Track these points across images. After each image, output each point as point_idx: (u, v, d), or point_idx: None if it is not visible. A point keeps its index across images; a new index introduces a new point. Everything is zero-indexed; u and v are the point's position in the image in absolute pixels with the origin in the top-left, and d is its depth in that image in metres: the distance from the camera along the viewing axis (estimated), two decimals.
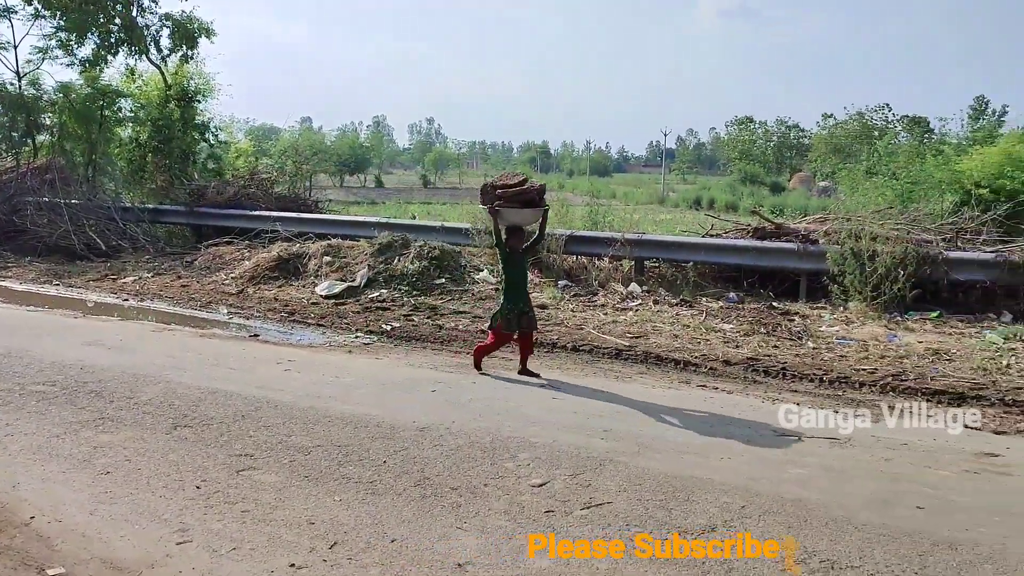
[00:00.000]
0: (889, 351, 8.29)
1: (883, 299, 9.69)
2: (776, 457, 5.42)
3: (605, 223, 14.31)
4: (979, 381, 7.28)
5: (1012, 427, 6.22)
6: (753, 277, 11.49)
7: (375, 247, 11.96)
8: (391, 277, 11.28)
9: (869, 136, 57.06)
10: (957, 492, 4.88)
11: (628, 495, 4.66)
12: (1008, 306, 9.74)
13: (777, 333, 8.92)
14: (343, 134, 79.98)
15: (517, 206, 7.39)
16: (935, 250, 10.12)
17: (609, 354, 8.27)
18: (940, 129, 56.44)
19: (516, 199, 7.38)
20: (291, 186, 19.50)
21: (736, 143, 77.22)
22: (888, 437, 5.89)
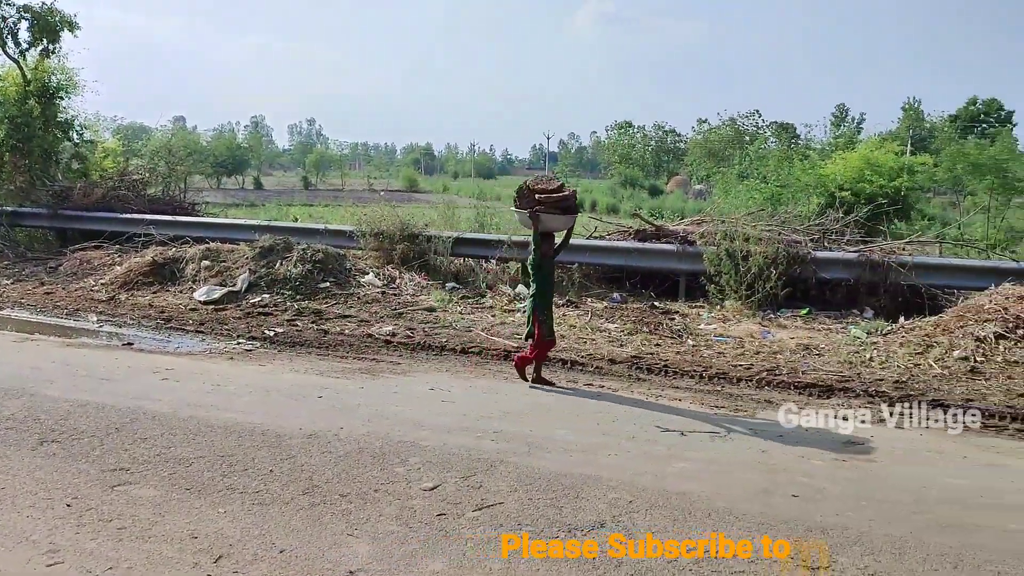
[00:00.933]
0: (764, 347, 8.67)
1: (757, 297, 10.14)
2: (661, 452, 5.58)
3: (491, 225, 14.40)
4: (845, 374, 7.71)
5: (876, 416, 6.62)
6: (636, 277, 11.81)
7: (256, 251, 11.62)
8: (274, 281, 10.99)
9: (741, 141, 59.58)
10: (828, 480, 5.15)
11: (519, 495, 4.70)
12: (870, 303, 10.35)
13: (659, 332, 9.19)
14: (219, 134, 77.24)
15: (556, 212, 7.27)
16: (804, 250, 10.67)
17: (498, 356, 8.32)
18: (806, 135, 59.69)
19: (556, 205, 7.26)
20: (165, 188, 18.72)
21: (616, 147, 79.12)
22: (764, 430, 6.17)
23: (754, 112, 64.71)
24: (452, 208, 14.65)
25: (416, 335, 9.04)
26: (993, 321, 8.42)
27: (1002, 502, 4.88)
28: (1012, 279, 9.39)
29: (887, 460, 5.63)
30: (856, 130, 60.33)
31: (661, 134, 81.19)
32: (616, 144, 79.73)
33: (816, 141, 54.47)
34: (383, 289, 11.15)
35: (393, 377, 7.51)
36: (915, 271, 10.15)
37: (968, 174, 30.08)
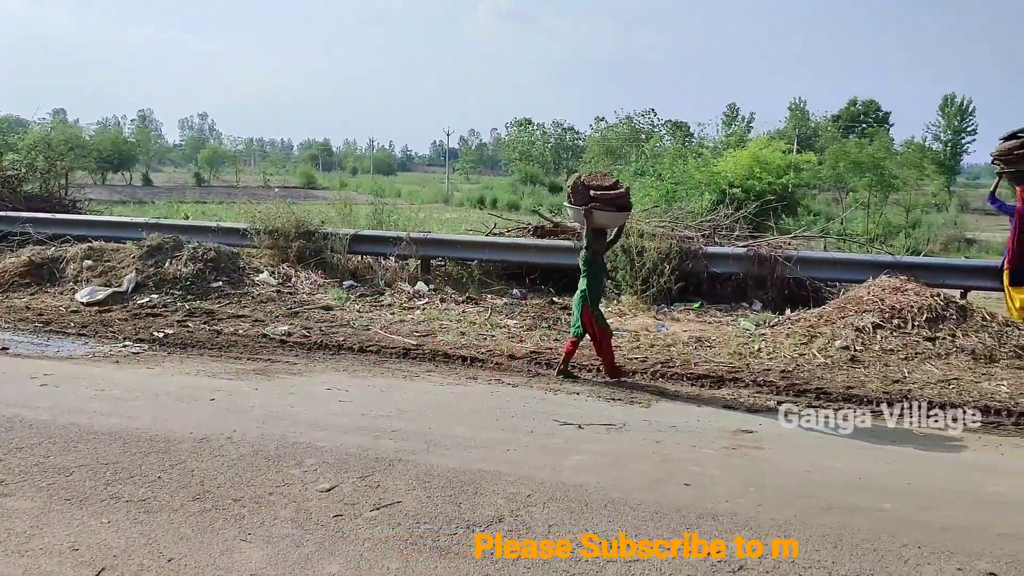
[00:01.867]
0: (658, 340, 8.89)
1: (652, 292, 10.39)
2: (558, 446, 5.65)
3: (390, 222, 14.29)
4: (735, 365, 7.99)
5: (764, 404, 6.88)
6: (536, 274, 11.93)
7: (144, 249, 11.18)
8: (162, 281, 10.60)
9: (637, 139, 60.98)
10: (718, 468, 5.33)
11: (418, 493, 4.69)
12: (758, 295, 10.75)
13: (558, 327, 9.31)
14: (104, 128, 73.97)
15: (611, 209, 7.23)
16: (696, 245, 11.00)
17: (397, 354, 8.26)
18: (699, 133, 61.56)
19: (611, 202, 7.22)
20: (44, 184, 17.80)
21: (516, 144, 79.71)
22: (658, 421, 6.33)
23: (650, 111, 66.38)
24: (349, 205, 14.46)
25: (313, 334, 8.88)
26: (871, 312, 8.87)
27: (876, 483, 5.14)
28: (888, 271, 9.90)
29: (775, 447, 5.86)
30: (746, 129, 62.53)
31: (560, 132, 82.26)
32: (516, 141, 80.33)
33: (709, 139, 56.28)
34: (278, 288, 10.92)
35: (289, 378, 7.37)
36: (800, 265, 10.60)
37: (849, 171, 31.69)
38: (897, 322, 8.69)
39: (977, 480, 5.31)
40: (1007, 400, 6.97)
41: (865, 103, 69.87)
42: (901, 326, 8.64)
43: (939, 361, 8.02)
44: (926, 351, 8.22)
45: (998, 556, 4.09)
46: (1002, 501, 4.94)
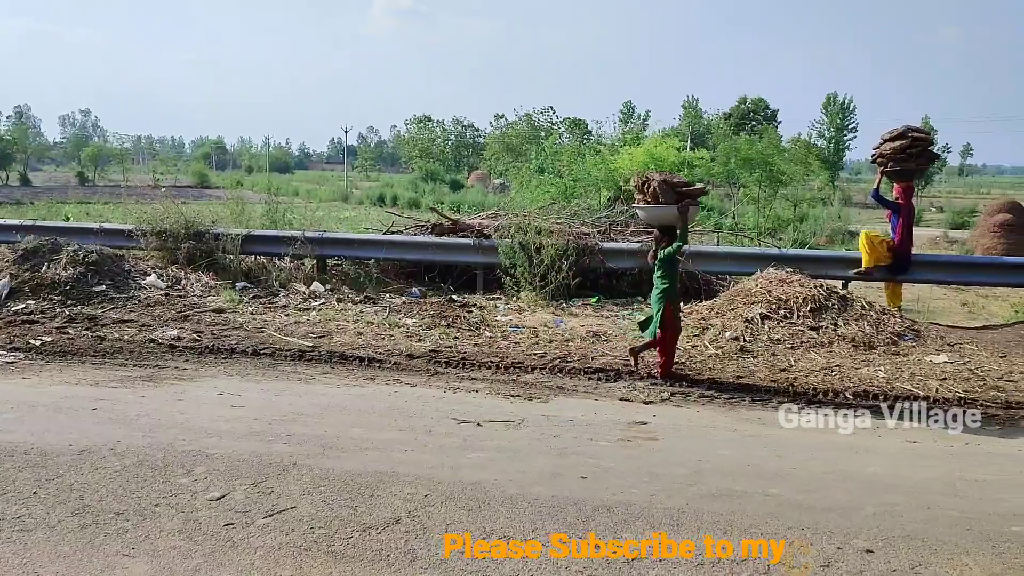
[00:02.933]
0: (557, 336, 8.99)
1: (550, 288, 10.50)
2: (456, 444, 5.65)
3: (285, 221, 13.97)
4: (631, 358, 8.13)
5: (658, 397, 7.05)
6: (434, 271, 11.88)
7: (18, 253, 10.59)
8: (40, 286, 10.06)
9: (537, 136, 61.44)
10: (614, 460, 5.43)
11: (313, 498, 4.61)
12: None
13: (457, 325, 9.29)
14: None
15: (695, 204, 7.55)
16: (592, 241, 11.16)
17: (292, 356, 8.08)
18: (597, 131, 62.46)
19: (696, 199, 7.57)
20: None
21: (416, 141, 79.10)
22: (556, 415, 6.40)
23: (548, 108, 66.83)
24: (242, 204, 14.04)
25: (204, 338, 8.60)
26: (759, 303, 9.19)
27: (763, 469, 5.34)
28: (775, 264, 10.29)
29: (669, 437, 6.01)
30: (642, 126, 63.87)
31: (460, 129, 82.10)
32: (416, 138, 79.71)
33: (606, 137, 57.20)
34: (167, 291, 10.52)
35: (178, 384, 7.11)
36: (692, 259, 10.88)
37: (740, 168, 32.64)
38: (783, 313, 9.04)
39: (857, 462, 5.57)
40: (884, 385, 7.34)
41: (754, 101, 72.22)
42: (787, 316, 8.99)
43: (823, 349, 8.38)
44: (811, 340, 8.57)
45: (874, 534, 4.31)
46: (878, 481, 5.20)
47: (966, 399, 6.97)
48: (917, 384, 7.36)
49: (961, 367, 7.87)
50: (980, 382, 7.45)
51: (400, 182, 59.78)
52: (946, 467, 5.51)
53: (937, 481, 5.23)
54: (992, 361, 8.10)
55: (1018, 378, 7.55)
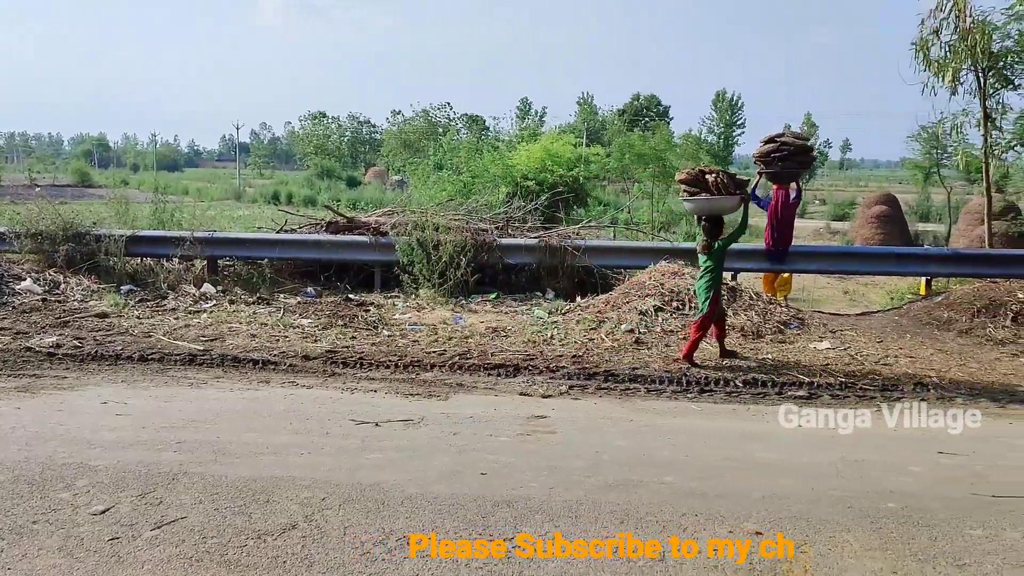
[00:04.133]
0: (456, 333, 8.98)
1: (449, 285, 10.48)
2: (354, 445, 5.57)
3: (174, 221, 13.46)
4: (530, 353, 8.22)
5: (556, 390, 7.13)
6: (331, 270, 11.68)
7: None
8: None
9: (434, 132, 61.24)
10: (514, 455, 5.46)
11: (204, 506, 4.46)
12: (551, 284, 11.12)
13: (354, 324, 9.17)
14: None
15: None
16: (490, 238, 11.20)
17: (182, 361, 7.81)
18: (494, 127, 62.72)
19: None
20: None
21: (311, 138, 77.62)
22: (456, 413, 6.40)
23: (445, 104, 66.75)
24: (127, 203, 13.45)
25: (86, 345, 8.21)
26: (653, 296, 9.42)
27: (658, 458, 5.47)
28: (667, 257, 10.55)
29: (567, 430, 6.08)
30: (539, 123, 64.54)
31: (356, 125, 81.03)
32: (311, 135, 78.19)
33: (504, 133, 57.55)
34: (44, 296, 10.01)
35: (58, 393, 6.77)
36: (588, 254, 11.06)
37: (634, 163, 33.30)
38: (676, 304, 9.29)
39: (747, 449, 5.76)
40: (771, 371, 7.63)
41: (647, 98, 73.90)
42: (679, 308, 9.24)
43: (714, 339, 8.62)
44: None
45: (763, 516, 4.47)
46: (767, 465, 5.40)
47: (846, 383, 7.32)
48: (802, 370, 7.67)
49: (842, 352, 8.26)
50: (859, 366, 7.83)
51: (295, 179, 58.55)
52: (831, 450, 5.76)
53: (822, 464, 5.46)
54: (870, 346, 8.52)
55: (892, 362, 7.97)
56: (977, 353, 8.30)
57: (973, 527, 4.37)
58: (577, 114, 73.39)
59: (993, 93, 12.16)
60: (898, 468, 5.36)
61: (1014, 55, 11.82)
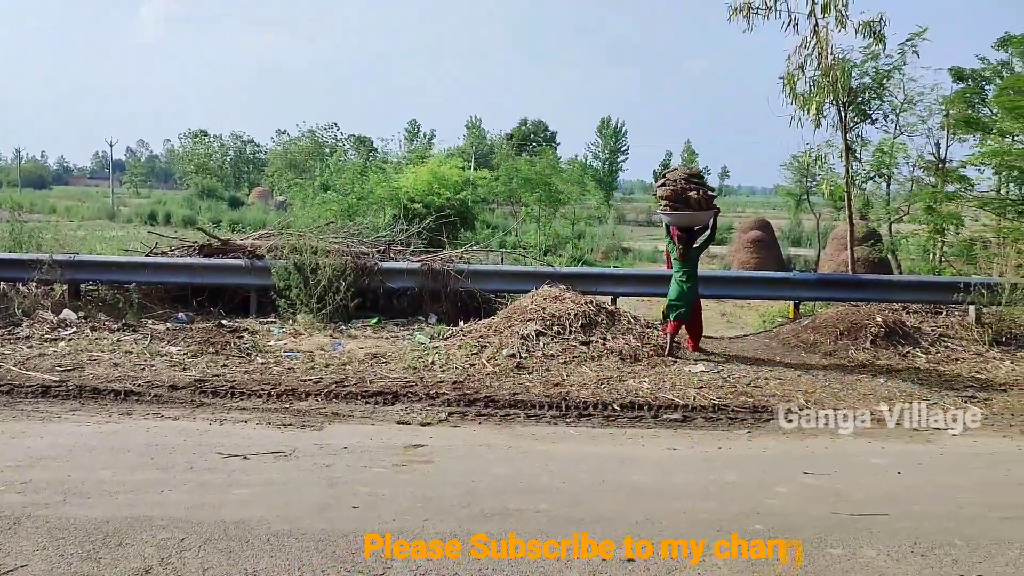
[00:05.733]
0: (334, 359, 8.77)
1: (328, 310, 10.23)
2: (220, 480, 5.32)
3: (33, 243, 12.66)
4: (410, 379, 8.09)
5: (436, 418, 7.03)
6: (204, 295, 11.21)
7: None
8: None
9: (321, 153, 60.43)
10: (388, 486, 5.33)
11: (48, 552, 4.15)
12: (434, 309, 11.00)
13: (227, 351, 8.82)
14: None
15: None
16: (371, 261, 11.02)
17: (34, 392, 7.29)
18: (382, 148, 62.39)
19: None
20: None
21: (192, 156, 75.16)
22: (330, 443, 6.21)
23: (332, 124, 65.95)
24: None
25: None
26: (534, 320, 9.45)
27: (535, 485, 5.45)
28: (549, 281, 10.63)
29: (445, 459, 5.99)
30: (428, 145, 64.54)
31: (240, 144, 79.03)
32: (192, 153, 75.68)
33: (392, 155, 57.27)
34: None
35: None
36: (471, 278, 11.02)
37: (521, 187, 33.79)
38: (557, 329, 9.35)
39: (623, 473, 5.82)
40: (648, 396, 7.76)
41: (535, 123, 75.15)
42: (560, 332, 9.31)
43: (593, 363, 8.73)
44: (582, 355, 8.92)
45: (637, 541, 4.49)
46: (641, 489, 5.46)
47: (719, 405, 7.52)
48: (677, 393, 7.84)
49: (716, 375, 8.48)
50: (732, 389, 8.06)
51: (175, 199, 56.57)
52: (701, 472, 5.88)
53: (693, 485, 5.56)
54: (742, 369, 8.79)
55: (763, 384, 8.24)
56: (840, 375, 8.68)
57: (833, 546, 4.52)
58: (466, 137, 73.87)
59: (853, 126, 12.91)
60: (766, 489, 5.52)
61: (871, 91, 12.61)
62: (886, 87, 13.43)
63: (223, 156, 77.27)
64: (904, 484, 5.76)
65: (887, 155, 15.25)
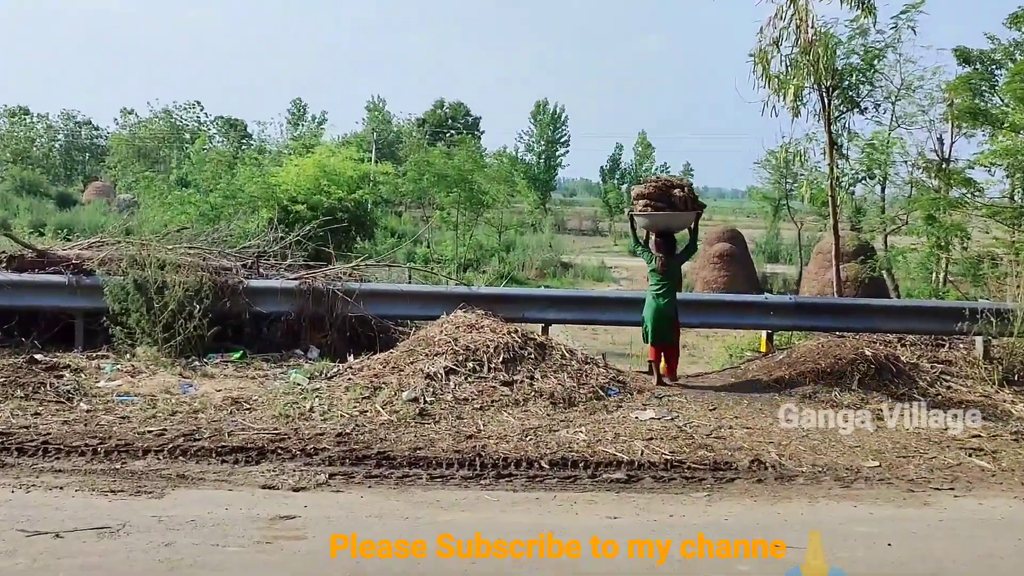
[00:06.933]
0: (183, 405, 8.59)
1: (178, 341, 10.01)
2: (20, 568, 5.12)
3: None
4: (281, 431, 7.97)
5: (312, 481, 6.90)
6: (12, 321, 10.83)
7: None
8: None
9: (179, 139, 59.51)
10: (245, 570, 5.21)
11: None
12: (315, 340, 10.89)
13: (40, 395, 8.58)
14: None
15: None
16: (236, 278, 10.84)
17: None
18: (259, 135, 61.81)
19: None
20: None
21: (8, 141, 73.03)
22: (173, 515, 6.05)
23: (195, 104, 64.96)
24: None
25: None
26: (444, 354, 9.43)
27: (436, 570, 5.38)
28: (464, 305, 10.61)
29: (322, 534, 5.87)
30: (318, 131, 64.16)
31: (73, 126, 77.26)
32: (7, 137, 73.54)
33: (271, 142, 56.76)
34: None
35: None
36: (364, 300, 10.93)
37: (434, 185, 33.65)
38: (472, 365, 9.34)
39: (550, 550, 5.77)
40: (584, 449, 7.77)
41: (453, 106, 75.47)
42: (477, 370, 9.30)
43: (517, 409, 8.74)
44: (503, 398, 8.92)
45: None
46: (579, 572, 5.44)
47: (672, 461, 7.56)
48: (621, 446, 7.87)
49: (669, 424, 8.56)
50: (688, 440, 8.14)
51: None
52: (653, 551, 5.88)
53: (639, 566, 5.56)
54: (702, 415, 8.89)
55: (727, 434, 8.34)
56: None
57: None
58: (365, 122, 73.68)
59: (839, 116, 13.26)
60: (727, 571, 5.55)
61: (859, 74, 12.96)
62: (878, 69, 13.84)
63: (50, 141, 75.44)
64: (894, 558, 5.86)
65: (880, 152, 15.71)
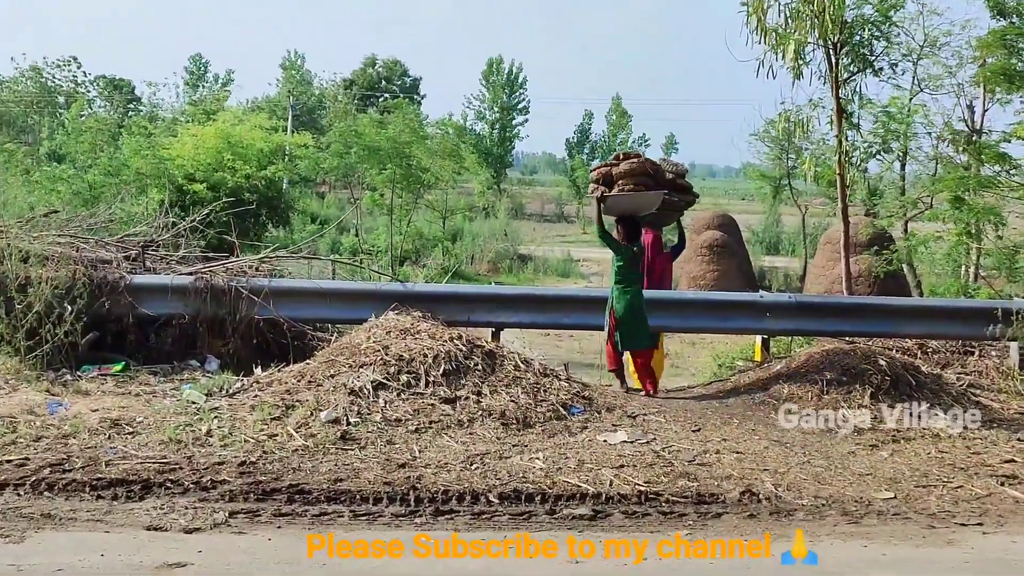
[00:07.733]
0: (50, 428, 8.51)
1: (46, 349, 9.96)
2: None
3: None
4: (172, 460, 7.89)
5: (208, 520, 6.84)
6: None
7: None
8: None
9: (52, 103, 58.79)
10: None
11: None
12: (215, 348, 10.82)
13: None
14: None
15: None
16: (117, 273, 10.73)
17: None
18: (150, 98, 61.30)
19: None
20: None
21: None
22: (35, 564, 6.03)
23: (70, 60, 64.15)
24: None
25: None
26: (372, 365, 9.41)
27: None
28: (398, 306, 10.58)
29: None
30: (222, 94, 63.73)
31: None
32: None
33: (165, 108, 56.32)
34: None
35: None
36: (275, 300, 10.88)
37: (364, 161, 33.28)
38: (406, 379, 9.33)
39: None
40: (542, 480, 7.77)
41: (388, 64, 75.29)
42: (412, 384, 9.30)
43: (460, 431, 8.75)
44: (444, 418, 8.92)
45: None
46: None
47: (648, 493, 7.58)
48: (586, 476, 7.88)
49: (644, 448, 8.59)
50: (667, 468, 8.16)
51: None
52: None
53: None
54: (683, 437, 8.93)
55: (713, 460, 8.38)
56: (826, 444, 8.92)
57: None
58: (280, 84, 73.24)
59: (849, 78, 13.33)
60: None
61: (873, 27, 13.02)
62: (895, 22, 13.84)
63: None
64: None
65: (899, 121, 15.80)
